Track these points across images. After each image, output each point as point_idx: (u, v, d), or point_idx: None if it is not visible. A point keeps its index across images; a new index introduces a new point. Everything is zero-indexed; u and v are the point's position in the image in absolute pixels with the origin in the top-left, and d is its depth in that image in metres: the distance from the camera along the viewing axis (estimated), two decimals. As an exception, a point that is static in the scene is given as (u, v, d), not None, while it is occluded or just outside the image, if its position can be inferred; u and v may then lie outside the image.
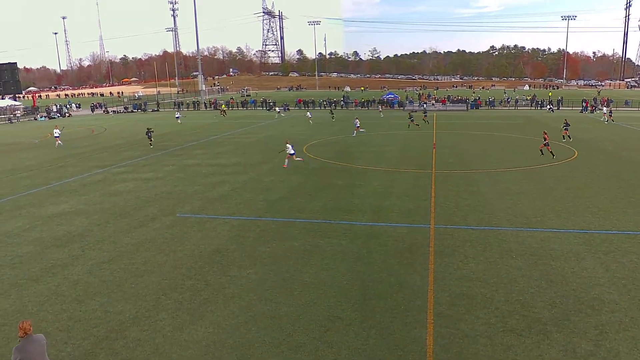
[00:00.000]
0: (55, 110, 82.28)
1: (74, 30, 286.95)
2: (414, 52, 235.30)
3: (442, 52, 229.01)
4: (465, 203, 19.20)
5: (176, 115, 61.27)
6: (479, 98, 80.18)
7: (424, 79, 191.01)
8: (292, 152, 27.58)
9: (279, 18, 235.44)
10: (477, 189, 21.58)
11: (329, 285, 12.15)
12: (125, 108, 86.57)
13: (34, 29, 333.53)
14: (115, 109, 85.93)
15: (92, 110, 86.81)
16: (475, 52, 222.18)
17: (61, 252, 15.04)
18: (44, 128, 56.52)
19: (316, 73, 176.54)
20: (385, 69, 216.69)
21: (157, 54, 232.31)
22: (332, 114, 60.99)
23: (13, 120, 71.65)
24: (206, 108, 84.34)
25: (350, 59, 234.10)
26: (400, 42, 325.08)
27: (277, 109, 65.16)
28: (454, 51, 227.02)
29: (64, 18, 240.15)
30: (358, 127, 42.34)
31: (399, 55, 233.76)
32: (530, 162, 27.75)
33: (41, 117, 76.49)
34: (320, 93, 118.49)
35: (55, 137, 41.08)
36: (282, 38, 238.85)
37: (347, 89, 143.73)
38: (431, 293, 11.60)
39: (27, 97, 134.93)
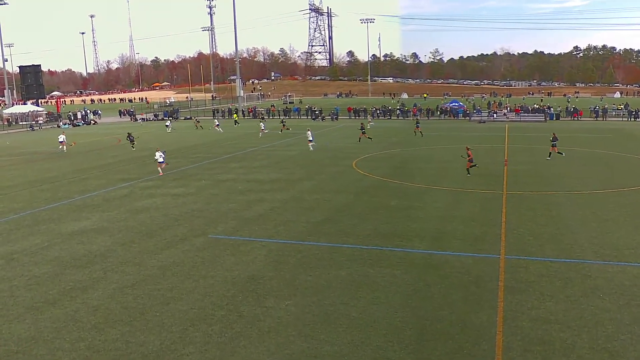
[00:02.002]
0: (79, 117, 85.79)
1: (102, 30, 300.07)
2: (482, 54, 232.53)
3: (515, 53, 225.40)
4: (542, 230, 18.71)
5: (166, 124, 66.38)
6: (572, 108, 78.10)
7: (494, 84, 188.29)
8: (161, 160, 31.97)
9: (328, 16, 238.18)
10: (557, 213, 21.00)
11: (379, 322, 12.02)
12: (155, 115, 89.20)
13: (59, 29, 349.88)
14: (144, 116, 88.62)
15: (130, 117, 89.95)
16: (556, 53, 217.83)
17: (81, 274, 15.53)
18: (67, 136, 58.76)
19: (369, 78, 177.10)
20: (449, 73, 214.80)
21: (191, 56, 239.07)
22: (283, 123, 60.05)
23: (35, 127, 75.06)
24: (244, 116, 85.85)
25: (408, 62, 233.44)
26: (466, 43, 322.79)
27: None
28: (529, 52, 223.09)
29: (92, 16, 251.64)
30: (310, 140, 42.54)
31: (464, 57, 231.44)
32: (622, 183, 26.79)
33: (64, 124, 79.84)
34: (374, 100, 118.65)
35: (60, 142, 45.76)
36: (330, 38, 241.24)
37: (404, 95, 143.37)
38: (500, 336, 11.29)
39: (51, 102, 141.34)
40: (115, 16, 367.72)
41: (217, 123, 65.26)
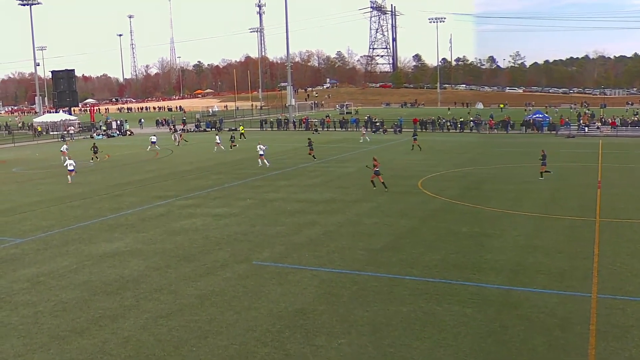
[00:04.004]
0: (114, 126, 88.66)
1: (141, 32, 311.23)
2: (571, 58, 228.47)
3: (611, 57, 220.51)
4: (643, 266, 18.09)
5: (152, 140, 59.75)
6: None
7: (585, 93, 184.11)
8: (71, 168, 38.02)
9: (392, 15, 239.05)
10: (662, 246, 20.25)
11: (446, 368, 11.82)
12: (197, 126, 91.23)
13: (95, 30, 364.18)
14: (184, 126, 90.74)
15: (169, 127, 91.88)
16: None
17: (111, 301, 15.93)
18: (101, 148, 60.78)
19: (438, 85, 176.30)
20: (532, 79, 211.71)
21: (238, 60, 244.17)
22: (232, 139, 59.30)
23: (67, 138, 77.94)
24: (295, 128, 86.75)
25: (483, 67, 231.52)
26: (552, 45, 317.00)
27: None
28: (628, 56, 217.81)
29: (130, 17, 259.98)
30: (262, 155, 43.29)
31: (550, 61, 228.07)
32: None
33: (98, 134, 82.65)
34: (443, 111, 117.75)
35: (61, 151, 48.23)
36: (394, 40, 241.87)
37: (479, 105, 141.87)
38: (591, 389, 10.91)
39: (84, 110, 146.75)
40: (156, 17, 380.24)
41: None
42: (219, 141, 56.94)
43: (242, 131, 73.66)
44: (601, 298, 15.40)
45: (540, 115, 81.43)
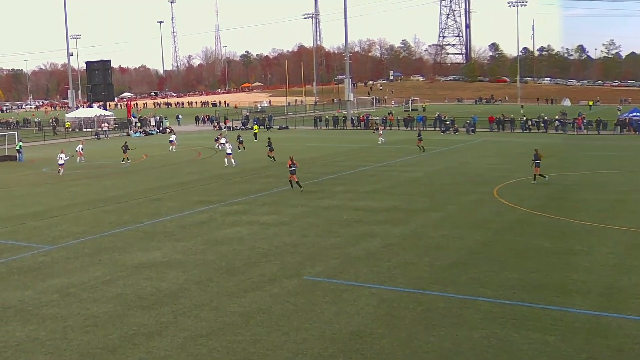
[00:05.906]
0: (153, 123, 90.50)
1: (183, 19, 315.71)
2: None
3: None
4: None
5: (170, 139, 61.76)
6: None
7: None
8: (62, 162, 43.74)
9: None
10: None
11: (524, 404, 11.64)
12: (243, 123, 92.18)
13: (134, 18, 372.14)
14: (229, 123, 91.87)
15: (214, 125, 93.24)
16: None
17: (147, 316, 16.21)
18: (138, 147, 62.08)
19: (518, 78, 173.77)
20: (629, 72, 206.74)
21: (290, 50, 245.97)
22: (240, 141, 57.94)
23: (101, 136, 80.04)
24: (354, 126, 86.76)
25: (571, 58, 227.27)
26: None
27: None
28: None
29: (172, 2, 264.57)
30: (230, 154, 45.14)
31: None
32: None
33: (135, 132, 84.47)
34: (525, 108, 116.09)
35: (78, 151, 51.62)
36: (467, 27, 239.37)
37: (566, 102, 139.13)
38: None
39: (120, 105, 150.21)
40: (200, 2, 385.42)
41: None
42: (224, 142, 57.17)
43: (256, 131, 73.86)
44: None
45: (638, 114, 79.32)
